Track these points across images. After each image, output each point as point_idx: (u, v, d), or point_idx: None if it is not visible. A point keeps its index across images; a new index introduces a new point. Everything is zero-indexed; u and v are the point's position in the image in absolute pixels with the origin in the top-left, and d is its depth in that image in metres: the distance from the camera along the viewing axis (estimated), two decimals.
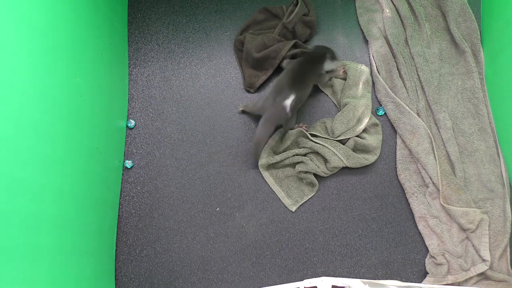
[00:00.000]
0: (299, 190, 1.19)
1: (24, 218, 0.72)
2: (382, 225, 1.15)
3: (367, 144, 1.17)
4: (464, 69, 1.23)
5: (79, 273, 0.93)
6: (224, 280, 1.13)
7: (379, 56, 1.25)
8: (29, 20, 0.76)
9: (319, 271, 1.13)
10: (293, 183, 1.19)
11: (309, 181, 1.17)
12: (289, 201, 1.18)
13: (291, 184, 1.19)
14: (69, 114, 0.91)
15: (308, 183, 1.18)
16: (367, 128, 1.20)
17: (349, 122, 1.18)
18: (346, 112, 1.19)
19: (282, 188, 1.19)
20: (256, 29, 1.31)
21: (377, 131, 1.21)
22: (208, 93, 1.28)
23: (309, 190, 1.18)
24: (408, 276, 1.12)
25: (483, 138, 1.17)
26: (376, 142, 1.19)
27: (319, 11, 1.33)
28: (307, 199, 1.18)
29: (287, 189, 1.19)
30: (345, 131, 1.18)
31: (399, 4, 1.28)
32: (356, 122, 1.19)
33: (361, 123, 1.18)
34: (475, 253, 1.08)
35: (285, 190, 1.19)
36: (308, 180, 1.17)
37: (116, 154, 1.19)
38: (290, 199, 1.18)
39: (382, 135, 1.22)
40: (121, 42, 1.28)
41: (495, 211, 1.11)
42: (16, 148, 0.71)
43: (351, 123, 1.18)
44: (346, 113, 1.19)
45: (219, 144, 1.24)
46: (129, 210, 1.19)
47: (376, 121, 1.21)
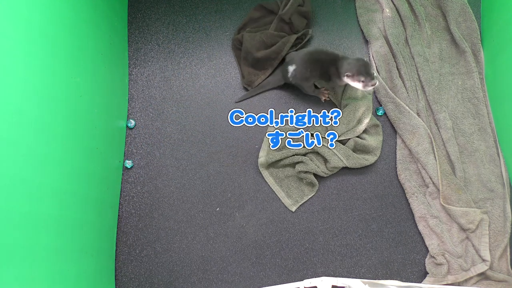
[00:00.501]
0: (299, 190, 1.19)
1: (24, 218, 0.72)
2: (382, 225, 1.15)
3: (367, 144, 1.17)
4: (464, 69, 1.23)
5: (79, 273, 0.93)
6: (224, 280, 1.13)
7: (379, 56, 1.25)
8: (29, 20, 0.76)
9: (319, 271, 1.13)
10: (293, 183, 1.19)
11: (309, 181, 1.17)
12: (289, 201, 1.18)
13: (291, 184, 1.19)
14: (69, 114, 0.91)
15: (308, 183, 1.18)
16: (368, 128, 1.20)
17: (349, 122, 1.18)
18: (346, 113, 1.19)
19: (282, 188, 1.19)
20: (253, 26, 1.31)
21: (378, 132, 1.21)
22: (208, 93, 1.28)
23: (309, 190, 1.18)
24: (408, 276, 1.12)
25: (483, 138, 1.17)
26: (376, 142, 1.19)
27: (319, 11, 1.33)
28: (307, 199, 1.18)
29: (287, 189, 1.19)
30: (346, 132, 1.19)
31: (399, 4, 1.27)
32: (357, 123, 1.19)
33: (361, 123, 1.18)
34: (475, 253, 1.08)
35: (285, 190, 1.19)
36: (308, 180, 1.17)
37: (116, 154, 1.19)
38: (290, 199, 1.18)
39: (382, 136, 1.22)
40: (121, 42, 1.28)
41: (495, 211, 1.11)
42: (16, 148, 0.71)
43: (351, 124, 1.18)
44: (347, 114, 1.19)
45: (219, 144, 1.24)
46: (129, 210, 1.19)
47: (376, 122, 1.21)
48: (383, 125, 1.23)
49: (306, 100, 1.25)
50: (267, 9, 1.31)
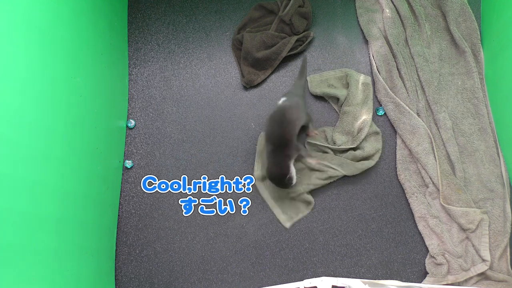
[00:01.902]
0: (294, 207, 1.17)
1: (24, 218, 0.72)
2: (382, 225, 1.15)
3: (365, 155, 1.16)
4: (464, 69, 1.23)
5: (79, 273, 0.93)
6: (224, 280, 1.13)
7: (379, 56, 1.25)
8: (28, 20, 0.76)
9: (319, 271, 1.13)
10: (287, 199, 1.17)
11: (305, 199, 1.16)
12: (283, 217, 1.16)
13: (286, 200, 1.17)
14: (69, 114, 0.91)
15: (303, 200, 1.17)
16: (367, 136, 1.19)
17: (349, 131, 1.18)
18: (346, 121, 1.18)
19: (277, 204, 1.17)
20: (253, 26, 1.31)
21: (377, 139, 1.19)
22: (208, 93, 1.28)
23: (305, 207, 1.17)
24: (408, 276, 1.12)
25: (483, 138, 1.17)
26: (374, 150, 1.17)
27: (318, 11, 1.33)
28: (302, 216, 1.16)
29: (281, 205, 1.17)
30: (346, 142, 1.18)
31: (399, 4, 1.27)
32: (357, 131, 1.18)
33: (361, 133, 1.17)
34: (475, 253, 1.08)
35: (280, 205, 1.17)
36: (304, 198, 1.15)
37: (116, 154, 1.19)
38: (284, 215, 1.16)
39: (382, 143, 1.20)
40: (121, 42, 1.28)
41: (495, 211, 1.11)
42: (16, 148, 0.71)
43: (352, 133, 1.18)
44: (346, 123, 1.18)
45: (219, 144, 1.24)
46: (129, 210, 1.19)
47: (377, 129, 1.20)
48: (383, 125, 1.23)
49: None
50: (267, 9, 1.31)
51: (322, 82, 1.24)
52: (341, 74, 1.25)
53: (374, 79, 1.25)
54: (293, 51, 1.26)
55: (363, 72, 1.26)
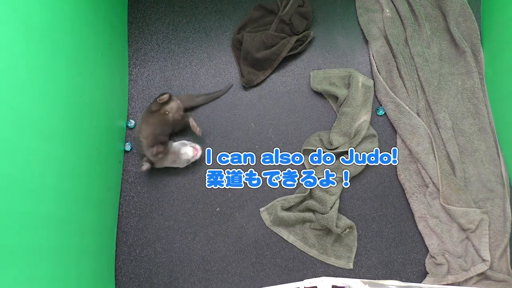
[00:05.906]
0: (341, 245, 1.12)
1: (23, 218, 0.72)
2: (382, 225, 1.15)
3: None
4: (464, 69, 1.23)
5: (79, 273, 0.93)
6: (224, 280, 1.13)
7: (379, 56, 1.25)
8: (28, 20, 0.76)
9: (319, 271, 1.13)
10: (329, 243, 1.12)
11: (344, 226, 1.10)
12: (342, 262, 1.11)
13: (328, 243, 1.12)
14: (69, 114, 0.91)
15: (343, 228, 1.10)
16: (364, 138, 1.19)
17: (346, 133, 1.18)
18: (344, 122, 1.18)
19: (326, 253, 1.12)
20: (253, 26, 1.30)
21: (373, 142, 1.19)
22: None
23: (350, 239, 1.12)
24: (408, 276, 1.12)
25: (483, 138, 1.17)
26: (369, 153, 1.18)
27: (318, 11, 1.33)
28: (355, 249, 1.12)
29: (331, 251, 1.12)
30: (343, 143, 1.18)
31: (399, 4, 1.28)
32: (354, 134, 1.18)
33: (359, 135, 1.17)
34: (475, 253, 1.08)
35: (330, 252, 1.12)
36: (342, 226, 1.10)
37: (116, 154, 1.19)
38: (342, 260, 1.11)
39: (383, 136, 1.21)
40: (121, 42, 1.28)
41: (495, 211, 1.11)
42: (16, 148, 0.71)
43: (349, 134, 1.18)
44: (344, 124, 1.18)
45: (219, 144, 1.24)
46: (129, 210, 1.19)
47: (373, 132, 1.20)
48: (383, 125, 1.23)
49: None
50: (267, 9, 1.31)
51: (325, 79, 1.24)
52: (344, 73, 1.25)
53: (374, 79, 1.25)
54: (293, 51, 1.26)
55: (363, 72, 1.26)
